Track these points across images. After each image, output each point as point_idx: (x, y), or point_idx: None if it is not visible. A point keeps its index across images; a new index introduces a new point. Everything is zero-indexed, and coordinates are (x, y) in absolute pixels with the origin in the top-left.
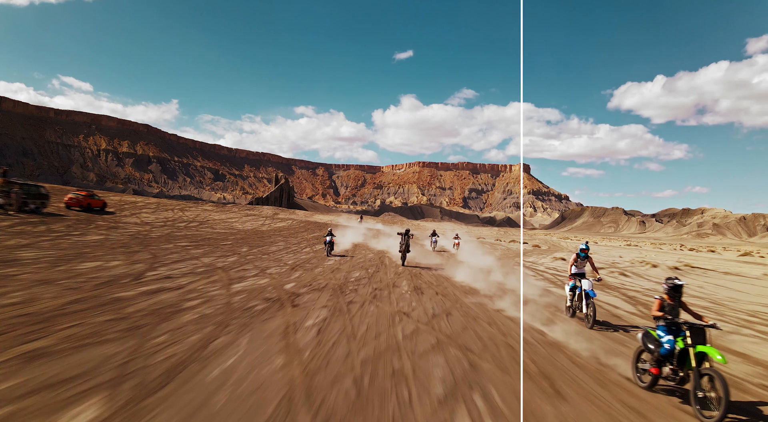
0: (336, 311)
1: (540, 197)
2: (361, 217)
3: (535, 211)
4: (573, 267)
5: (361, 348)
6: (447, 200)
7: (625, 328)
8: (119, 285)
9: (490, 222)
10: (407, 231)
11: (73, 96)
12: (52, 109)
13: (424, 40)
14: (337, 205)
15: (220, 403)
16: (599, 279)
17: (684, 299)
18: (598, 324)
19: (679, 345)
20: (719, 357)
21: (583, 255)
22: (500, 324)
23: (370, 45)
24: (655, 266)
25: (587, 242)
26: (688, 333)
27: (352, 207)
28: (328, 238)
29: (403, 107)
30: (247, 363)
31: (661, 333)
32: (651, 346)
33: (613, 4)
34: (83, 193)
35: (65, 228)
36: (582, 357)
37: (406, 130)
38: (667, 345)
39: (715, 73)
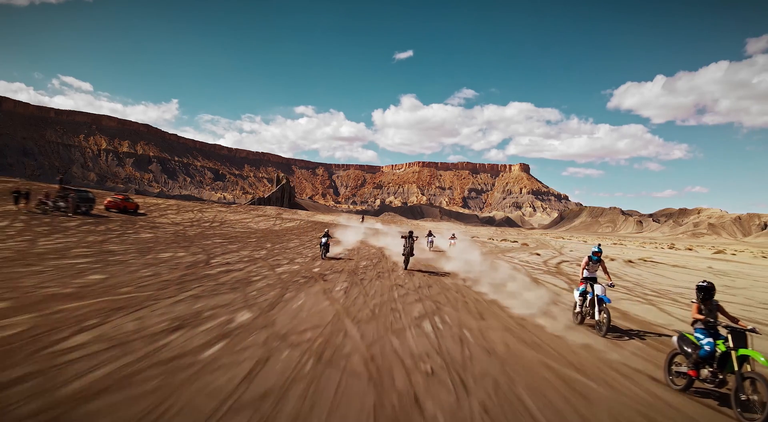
0: (353, 283)
1: (539, 197)
2: (363, 218)
3: (535, 210)
4: (585, 271)
5: (372, 300)
6: (447, 200)
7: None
8: (199, 267)
9: (490, 221)
10: (410, 233)
11: (73, 95)
12: (53, 108)
13: (424, 40)
14: (337, 205)
15: (305, 314)
16: (612, 285)
17: (719, 302)
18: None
19: (720, 348)
20: (762, 359)
21: (596, 259)
22: (463, 292)
23: (370, 45)
24: (612, 260)
25: (599, 244)
26: (729, 337)
27: (352, 207)
28: (323, 240)
29: (403, 107)
30: (309, 303)
31: (700, 336)
32: (688, 349)
33: (613, 3)
34: (120, 197)
35: (119, 228)
36: (488, 298)
37: (406, 129)
38: (707, 348)
39: (715, 73)
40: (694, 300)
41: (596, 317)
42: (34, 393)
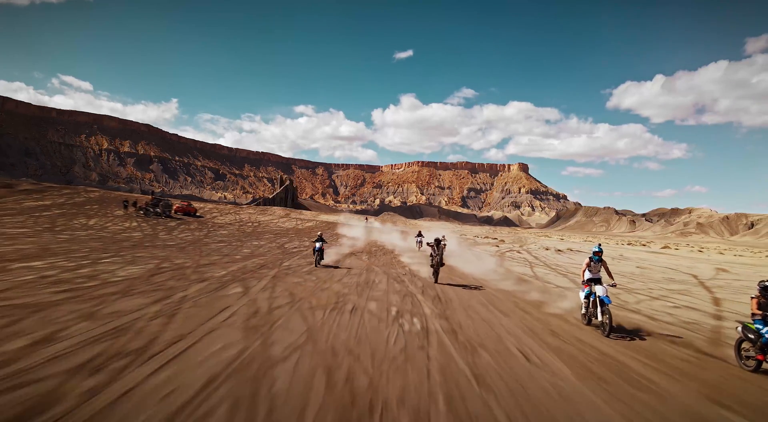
0: (372, 256)
1: (538, 197)
2: (367, 218)
3: (533, 210)
4: (586, 272)
5: (380, 262)
6: (446, 199)
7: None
8: (284, 249)
9: (488, 221)
10: (438, 240)
11: (72, 95)
12: (54, 109)
13: (423, 40)
14: (337, 205)
15: (350, 266)
16: (614, 285)
17: None
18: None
19: None
20: None
21: (597, 259)
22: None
23: (370, 44)
24: (547, 248)
25: (600, 244)
26: None
27: (351, 206)
28: (317, 245)
29: (403, 106)
30: (357, 264)
31: (760, 326)
32: (752, 337)
33: (612, 3)
34: (185, 203)
35: (200, 226)
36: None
37: (406, 129)
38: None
39: (715, 72)
40: (752, 296)
41: (599, 318)
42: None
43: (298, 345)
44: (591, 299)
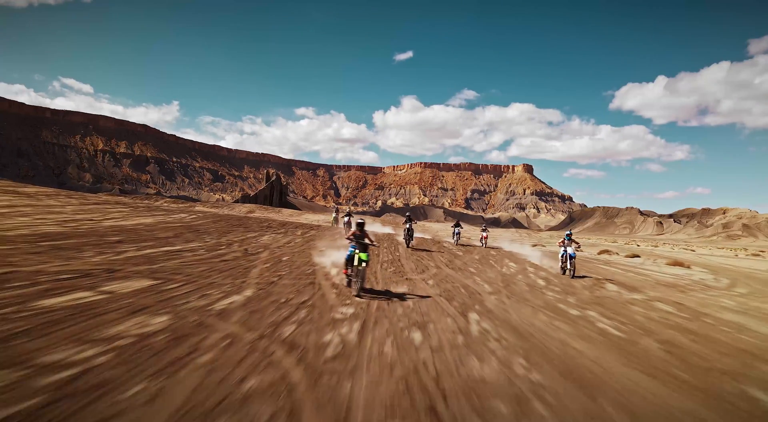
0: None
1: (543, 198)
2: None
3: (539, 211)
4: (562, 244)
5: None
6: (449, 201)
7: None
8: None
9: (495, 222)
10: (408, 215)
11: (73, 97)
12: (49, 109)
13: (424, 41)
14: (338, 206)
15: None
16: (579, 246)
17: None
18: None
19: None
20: None
21: (569, 238)
22: None
23: (371, 46)
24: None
25: (570, 231)
26: None
27: (353, 208)
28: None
29: (404, 108)
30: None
31: None
32: None
33: (615, 5)
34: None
35: None
36: None
37: (407, 131)
38: None
39: (717, 73)
40: None
41: (568, 266)
42: None
43: None
44: (564, 255)
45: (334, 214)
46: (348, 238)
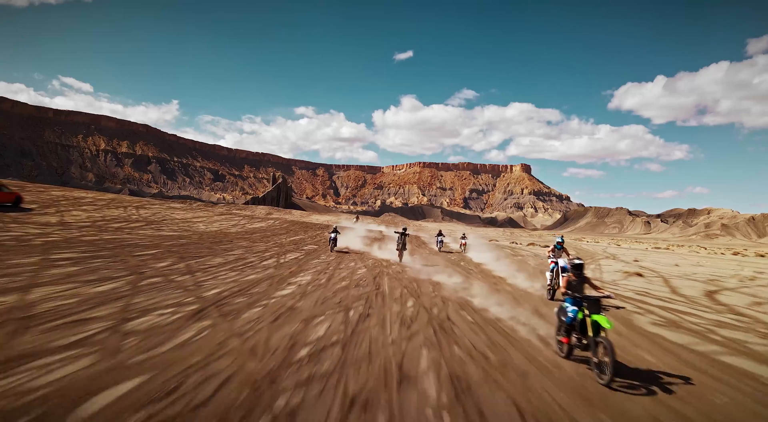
0: None
1: (541, 197)
2: (358, 217)
3: (536, 211)
4: (551, 255)
5: None
6: (448, 201)
7: None
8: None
9: (492, 222)
10: (404, 229)
11: (73, 96)
12: (51, 109)
13: (424, 41)
14: (337, 206)
15: None
16: (570, 257)
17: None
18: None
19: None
20: (607, 325)
21: (559, 247)
22: None
23: (370, 45)
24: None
25: (562, 236)
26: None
27: (352, 207)
28: None
29: (404, 108)
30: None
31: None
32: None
33: (614, 4)
34: None
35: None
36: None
37: (407, 130)
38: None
39: (716, 73)
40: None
41: (560, 283)
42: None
43: None
44: (554, 269)
45: (354, 220)
46: (565, 293)
